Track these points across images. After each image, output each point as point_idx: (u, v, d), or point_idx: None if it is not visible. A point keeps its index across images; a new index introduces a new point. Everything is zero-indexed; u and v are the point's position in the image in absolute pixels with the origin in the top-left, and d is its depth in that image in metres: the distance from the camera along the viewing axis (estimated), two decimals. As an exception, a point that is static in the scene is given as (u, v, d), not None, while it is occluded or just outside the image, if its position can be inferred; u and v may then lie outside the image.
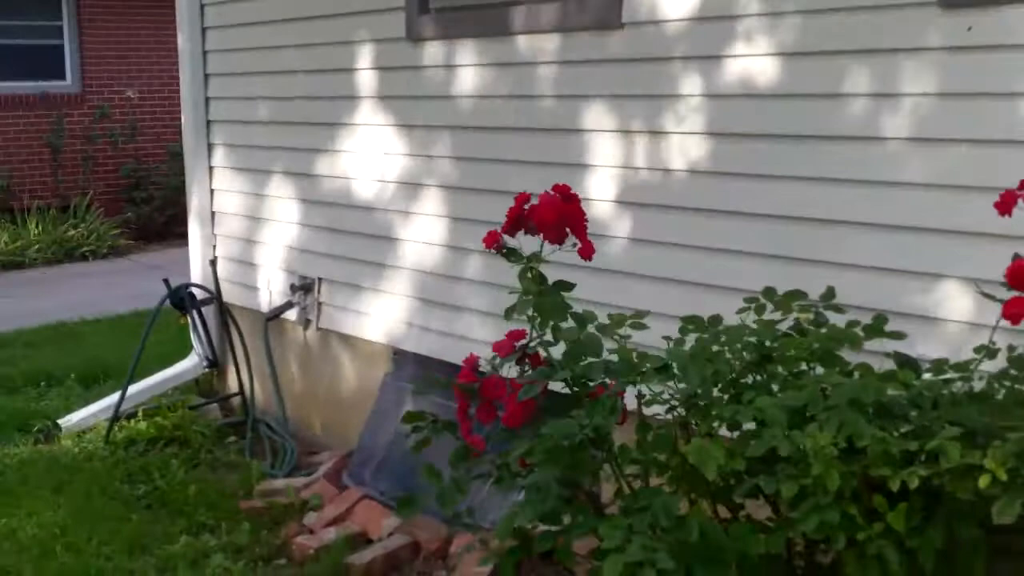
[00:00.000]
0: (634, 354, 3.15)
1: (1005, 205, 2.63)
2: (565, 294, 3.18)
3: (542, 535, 3.04)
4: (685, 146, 4.17)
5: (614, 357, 3.16)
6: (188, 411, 6.54)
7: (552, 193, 3.07)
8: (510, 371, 3.31)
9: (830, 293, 3.27)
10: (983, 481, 2.46)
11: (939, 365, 2.97)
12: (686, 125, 4.15)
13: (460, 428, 3.29)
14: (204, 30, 6.73)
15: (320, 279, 6.05)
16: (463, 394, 3.27)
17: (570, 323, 3.17)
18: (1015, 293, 2.57)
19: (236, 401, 6.73)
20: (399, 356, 5.67)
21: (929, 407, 2.83)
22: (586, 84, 4.51)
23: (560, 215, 3.02)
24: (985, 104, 3.38)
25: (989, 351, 2.80)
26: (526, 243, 3.16)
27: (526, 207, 3.08)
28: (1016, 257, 2.66)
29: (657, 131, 4.25)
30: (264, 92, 6.36)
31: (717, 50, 4.01)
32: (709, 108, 4.09)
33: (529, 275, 3.14)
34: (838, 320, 3.21)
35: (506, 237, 3.15)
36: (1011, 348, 2.78)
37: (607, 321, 3.24)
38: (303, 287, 6.13)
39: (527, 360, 3.30)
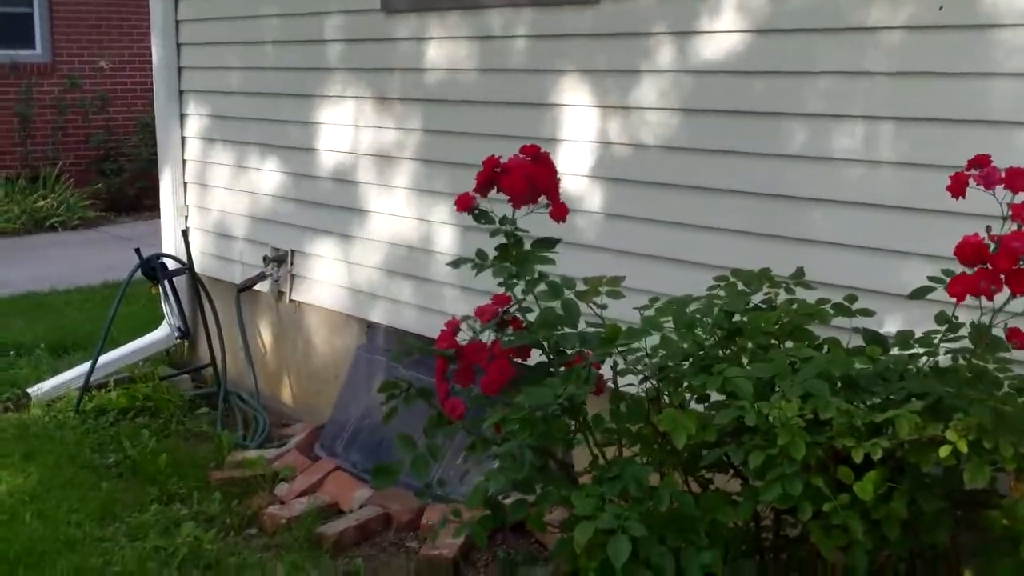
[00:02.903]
0: (611, 323, 3.18)
1: (957, 186, 2.68)
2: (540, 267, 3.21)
3: (514, 504, 3.08)
4: (658, 122, 4.20)
5: (596, 324, 3.19)
6: (159, 382, 6.53)
7: (521, 155, 3.09)
8: (489, 337, 3.34)
9: (800, 272, 3.32)
10: (943, 452, 2.52)
11: (904, 338, 3.02)
12: (659, 101, 4.18)
13: (437, 394, 3.31)
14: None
15: (293, 251, 6.05)
16: (443, 359, 3.28)
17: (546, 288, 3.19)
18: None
19: (208, 372, 6.73)
20: (372, 329, 5.69)
21: (896, 380, 2.88)
22: (561, 58, 4.53)
23: (530, 175, 3.03)
24: (949, 84, 3.42)
25: (952, 325, 2.85)
26: (499, 210, 3.18)
27: (496, 169, 3.09)
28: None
29: (631, 106, 4.28)
30: (237, 62, 6.34)
31: (690, 26, 4.04)
32: (682, 84, 4.12)
33: (503, 238, 3.15)
34: (809, 297, 3.27)
35: (479, 198, 3.16)
36: (973, 324, 2.82)
37: (584, 288, 3.26)
38: (276, 259, 6.13)
39: (508, 325, 3.32)
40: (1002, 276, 2.51)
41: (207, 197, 6.70)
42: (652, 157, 4.24)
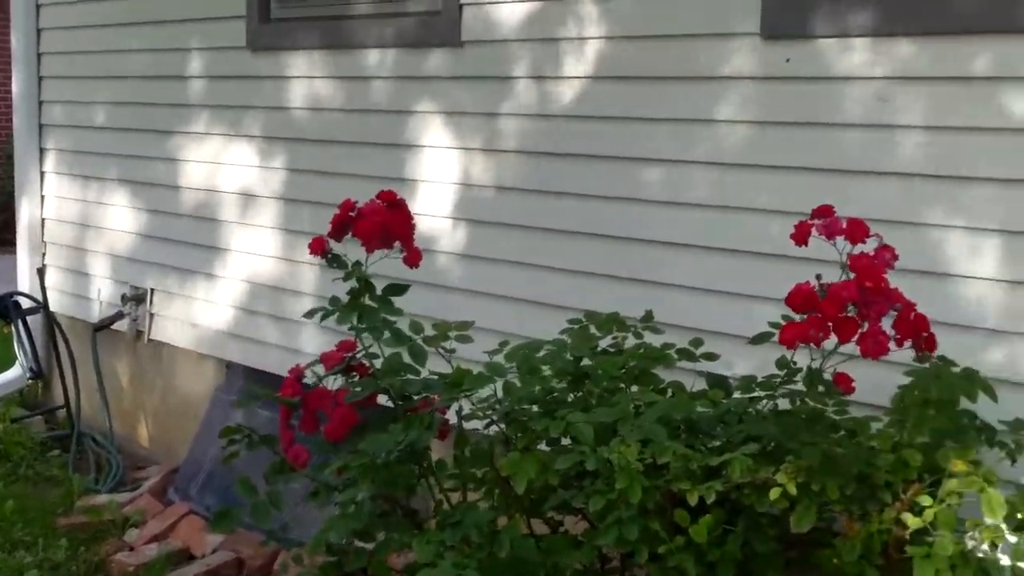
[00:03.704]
0: (457, 368, 3.17)
1: (800, 235, 2.73)
2: (397, 306, 3.18)
3: (356, 551, 3.04)
4: (517, 164, 4.23)
5: (447, 368, 3.18)
6: (11, 424, 6.31)
7: (377, 200, 3.08)
8: (336, 383, 3.30)
9: (649, 315, 3.36)
10: (773, 494, 2.55)
11: (747, 383, 3.07)
12: (518, 143, 4.21)
13: (281, 441, 3.27)
14: (39, 31, 6.54)
15: (152, 289, 5.93)
16: (286, 406, 3.25)
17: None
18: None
19: (62, 414, 6.53)
20: (232, 369, 5.58)
21: (735, 423, 2.92)
22: (424, 100, 4.53)
23: (384, 221, 3.02)
24: (797, 133, 3.51)
25: (790, 371, 2.89)
26: (357, 254, 3.16)
27: (352, 213, 3.08)
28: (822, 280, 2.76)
29: (491, 148, 4.29)
30: (100, 97, 6.21)
31: (548, 71, 4.08)
32: (540, 127, 4.15)
33: (355, 283, 3.13)
34: (662, 339, 3.30)
35: (332, 243, 3.14)
36: (810, 368, 2.87)
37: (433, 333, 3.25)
38: (135, 297, 5.99)
39: (354, 372, 3.29)
40: (830, 324, 2.56)
41: (66, 234, 6.53)
42: (511, 199, 4.26)
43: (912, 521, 2.69)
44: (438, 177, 4.48)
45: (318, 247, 3.11)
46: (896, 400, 2.91)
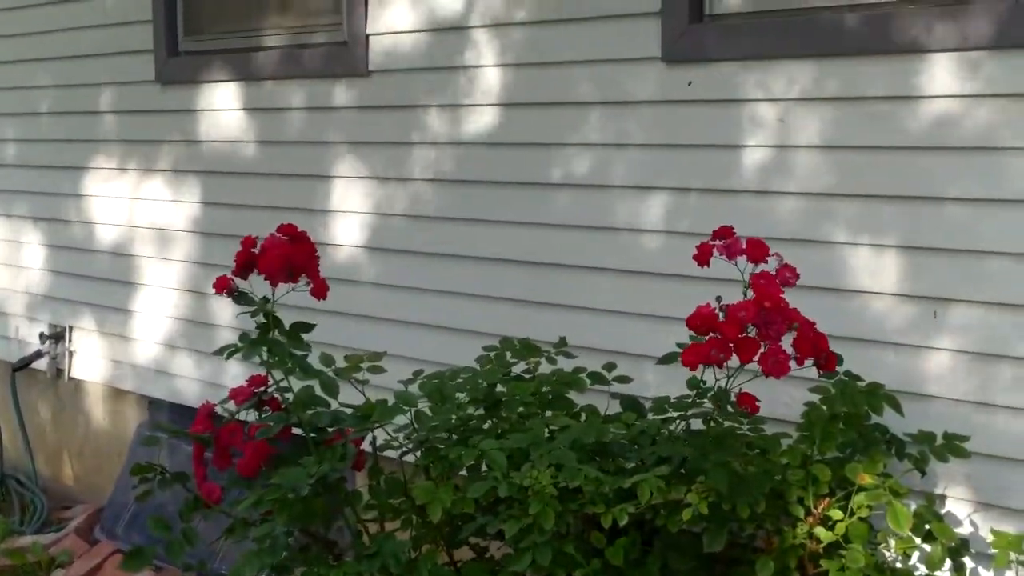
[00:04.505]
0: (367, 400, 3.17)
1: (702, 256, 2.77)
2: (311, 338, 3.18)
3: (274, 586, 3.03)
4: (427, 192, 4.24)
5: (359, 398, 3.18)
6: (-70, 468, 6.21)
7: (278, 235, 3.07)
8: (249, 417, 3.29)
9: (562, 341, 3.39)
10: (686, 515, 2.58)
11: (660, 404, 3.10)
12: (427, 171, 4.23)
13: (195, 477, 3.25)
14: (-54, 68, 6.46)
15: (71, 327, 5.86)
16: (198, 442, 3.23)
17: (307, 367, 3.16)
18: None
19: (-16, 456, 6.42)
20: (155, 405, 5.53)
21: (648, 445, 2.95)
22: (334, 130, 4.54)
23: (286, 256, 3.01)
24: (702, 155, 3.56)
25: (700, 391, 2.93)
26: (265, 288, 3.14)
27: (254, 249, 3.07)
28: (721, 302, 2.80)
29: (401, 177, 4.31)
30: (11, 134, 6.14)
31: (456, 99, 4.10)
32: (449, 155, 4.17)
33: (262, 318, 3.13)
34: (577, 362, 3.32)
35: (238, 280, 3.13)
36: (715, 388, 2.90)
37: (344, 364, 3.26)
38: (53, 335, 5.92)
39: (266, 406, 3.28)
40: (731, 345, 2.60)
41: (-19, 273, 6.43)
42: (423, 227, 4.27)
43: (824, 535, 2.75)
44: (350, 207, 4.48)
45: (223, 286, 3.11)
46: (804, 416, 2.96)
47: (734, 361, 2.73)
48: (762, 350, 2.65)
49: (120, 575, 4.88)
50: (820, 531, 2.71)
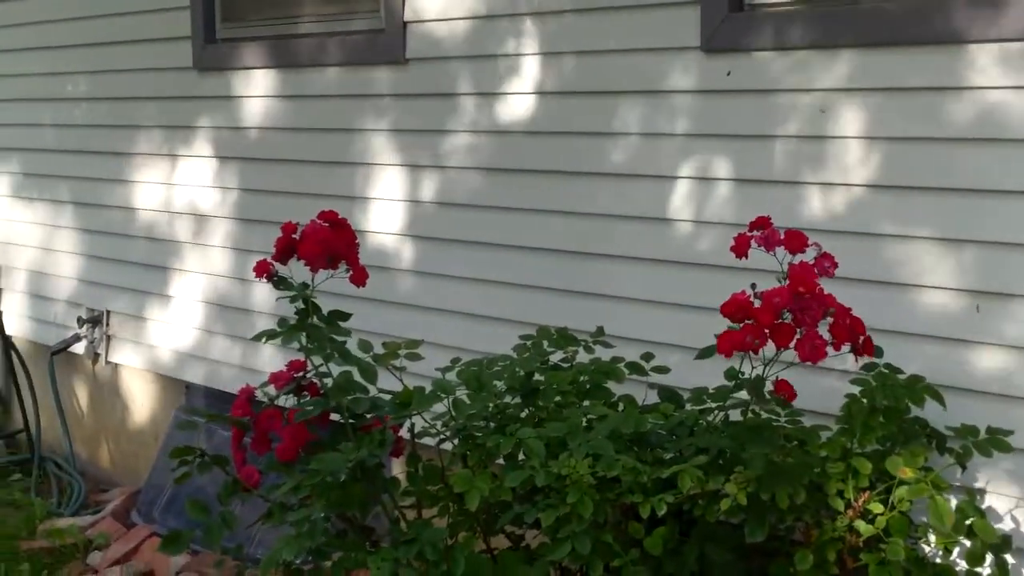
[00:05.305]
0: (405, 387, 3.18)
1: (740, 247, 2.76)
2: (348, 325, 3.20)
3: (312, 571, 3.04)
4: (465, 180, 4.24)
5: (394, 385, 3.19)
6: (-31, 449, 6.29)
7: (318, 221, 3.08)
8: (288, 402, 3.31)
9: (600, 331, 3.39)
10: (724, 505, 2.58)
11: (698, 394, 3.09)
12: (465, 159, 4.22)
13: (233, 461, 3.27)
14: (-17, 54, 6.53)
15: (108, 311, 5.90)
16: (237, 427, 3.25)
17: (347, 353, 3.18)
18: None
19: (22, 438, 6.49)
20: (191, 390, 5.57)
21: (686, 436, 2.94)
22: (372, 118, 4.54)
23: (326, 242, 3.03)
24: (742, 144, 3.54)
25: (739, 381, 2.92)
26: (304, 274, 3.16)
27: (295, 235, 3.09)
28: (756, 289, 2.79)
29: (438, 165, 4.31)
30: (49, 119, 6.18)
31: (494, 87, 4.10)
32: (487, 143, 4.17)
33: (301, 304, 3.14)
34: (614, 352, 3.32)
35: (278, 266, 3.15)
36: (752, 378, 2.88)
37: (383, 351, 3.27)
38: (91, 320, 5.97)
39: (305, 391, 3.30)
40: (766, 331, 2.58)
41: (20, 257, 6.49)
42: (459, 215, 4.27)
43: (865, 528, 2.73)
44: (387, 194, 4.49)
45: (263, 270, 3.13)
46: (844, 408, 2.94)
47: (770, 350, 2.74)
48: (798, 336, 2.64)
49: (157, 557, 4.95)
50: (860, 524, 2.69)
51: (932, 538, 2.79)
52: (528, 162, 4.06)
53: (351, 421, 3.11)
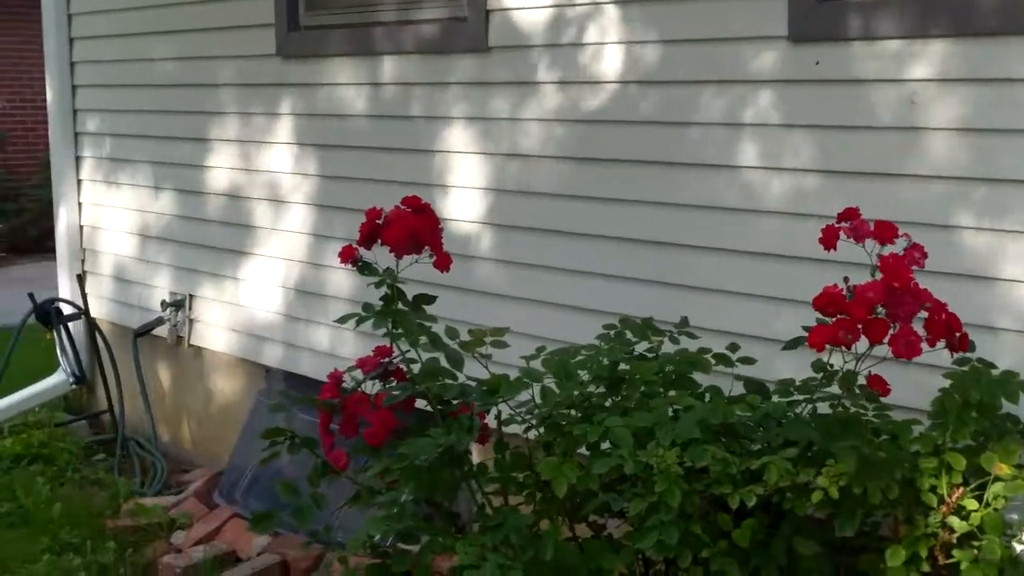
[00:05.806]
0: (493, 374, 3.21)
1: (828, 239, 2.74)
2: (432, 311, 3.23)
3: (397, 554, 3.08)
4: (548, 169, 4.25)
5: (484, 372, 3.22)
6: (55, 428, 6.40)
7: (402, 207, 3.11)
8: (374, 387, 3.35)
9: (684, 321, 3.39)
10: (815, 497, 2.57)
11: (784, 386, 3.08)
12: (548, 148, 4.23)
13: (322, 444, 3.31)
14: (71, 40, 6.63)
15: (191, 295, 6.00)
16: (326, 410, 3.29)
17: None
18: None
19: (106, 418, 6.62)
20: (271, 374, 5.65)
21: (774, 427, 2.94)
22: (452, 105, 4.57)
23: (411, 227, 3.06)
24: (829, 135, 3.51)
25: (827, 374, 2.91)
26: (388, 260, 3.19)
27: (379, 221, 3.12)
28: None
29: (521, 154, 4.32)
30: (133, 105, 6.28)
31: (580, 76, 4.10)
32: (571, 132, 4.17)
33: (386, 289, 3.17)
34: (699, 343, 3.31)
35: (362, 251, 3.18)
36: (843, 371, 2.87)
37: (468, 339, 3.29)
38: (174, 303, 6.07)
39: (391, 376, 3.33)
40: (859, 326, 2.57)
41: (104, 241, 6.62)
42: (542, 204, 4.28)
43: (958, 525, 2.69)
44: (468, 182, 4.51)
45: (348, 255, 3.15)
46: (936, 403, 2.91)
47: (860, 345, 2.72)
48: (892, 332, 2.62)
49: (239, 537, 5.04)
50: (954, 520, 2.67)
51: (1025, 537, 2.76)
52: (610, 151, 4.06)
53: (439, 407, 3.14)
